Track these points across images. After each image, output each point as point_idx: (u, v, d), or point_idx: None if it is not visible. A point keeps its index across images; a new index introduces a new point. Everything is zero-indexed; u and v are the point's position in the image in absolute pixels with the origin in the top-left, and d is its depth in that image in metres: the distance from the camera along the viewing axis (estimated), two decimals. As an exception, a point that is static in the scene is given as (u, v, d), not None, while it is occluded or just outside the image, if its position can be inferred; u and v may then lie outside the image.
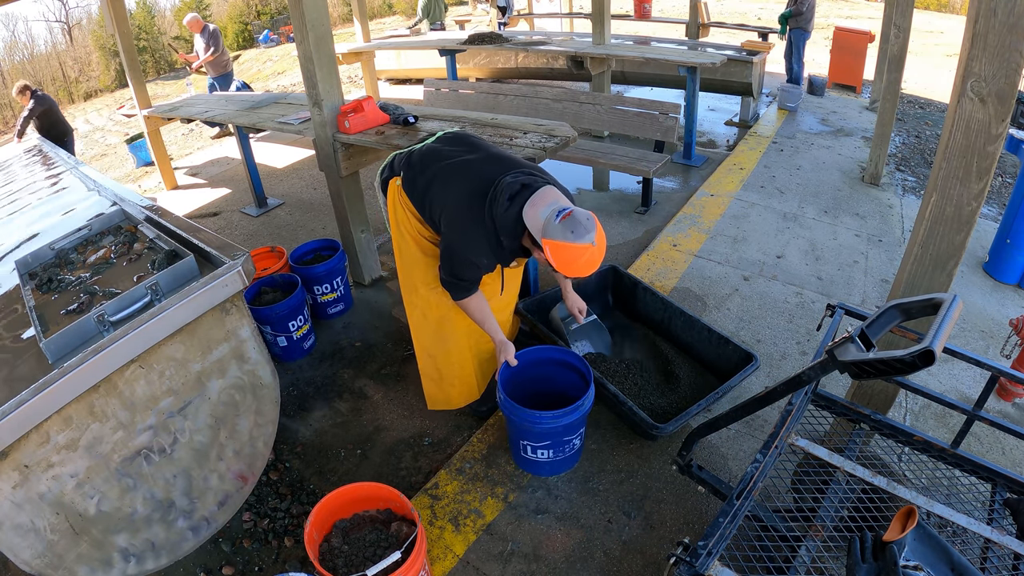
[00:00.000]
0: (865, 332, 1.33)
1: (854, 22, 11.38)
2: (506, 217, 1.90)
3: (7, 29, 20.77)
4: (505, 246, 1.97)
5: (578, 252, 1.76)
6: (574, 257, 1.76)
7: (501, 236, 1.93)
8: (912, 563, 1.33)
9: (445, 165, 2.09)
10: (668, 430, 2.12)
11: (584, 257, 1.77)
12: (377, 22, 18.71)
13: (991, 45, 1.41)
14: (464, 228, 1.98)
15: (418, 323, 2.40)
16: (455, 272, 2.05)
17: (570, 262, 1.77)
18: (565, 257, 1.77)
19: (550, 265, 1.82)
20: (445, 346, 2.39)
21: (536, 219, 1.82)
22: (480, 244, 1.96)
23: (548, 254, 1.78)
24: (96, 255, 2.23)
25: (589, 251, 1.77)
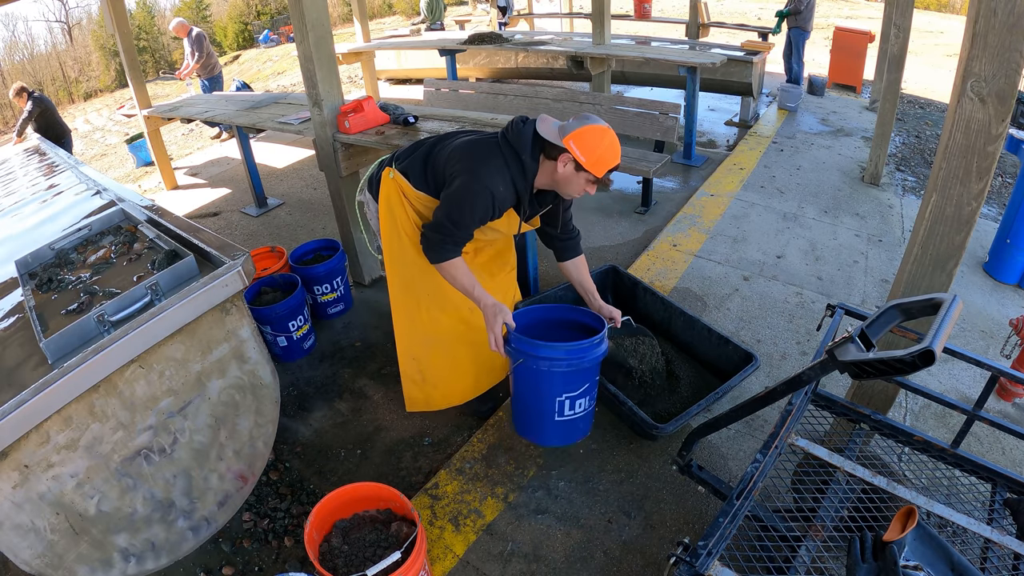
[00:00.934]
0: (865, 332, 1.33)
1: (854, 22, 11.38)
2: (523, 135, 1.89)
3: (7, 29, 20.77)
4: (526, 169, 1.91)
5: (600, 133, 1.79)
6: (598, 139, 1.78)
7: (521, 155, 1.89)
8: (912, 563, 1.33)
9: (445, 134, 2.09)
10: (668, 430, 2.12)
11: (607, 138, 1.79)
12: (377, 22, 18.71)
13: (991, 45, 1.41)
14: (481, 155, 1.91)
15: (405, 326, 2.33)
16: (455, 216, 1.89)
17: (596, 145, 1.78)
18: (590, 142, 1.78)
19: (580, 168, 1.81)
20: (433, 350, 2.33)
21: (550, 129, 1.86)
22: (499, 169, 1.89)
23: (574, 148, 1.79)
24: (96, 255, 2.23)
25: (609, 132, 1.80)
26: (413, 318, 2.30)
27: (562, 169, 1.86)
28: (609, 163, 1.82)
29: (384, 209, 2.17)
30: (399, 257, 2.23)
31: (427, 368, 2.39)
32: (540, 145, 1.91)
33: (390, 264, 2.26)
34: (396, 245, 2.21)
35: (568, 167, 1.85)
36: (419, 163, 2.08)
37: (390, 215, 2.17)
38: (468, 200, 1.89)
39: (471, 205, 1.89)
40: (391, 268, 2.27)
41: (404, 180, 2.10)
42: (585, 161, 1.80)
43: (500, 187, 1.89)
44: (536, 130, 1.90)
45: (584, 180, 1.87)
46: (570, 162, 1.84)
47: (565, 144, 1.81)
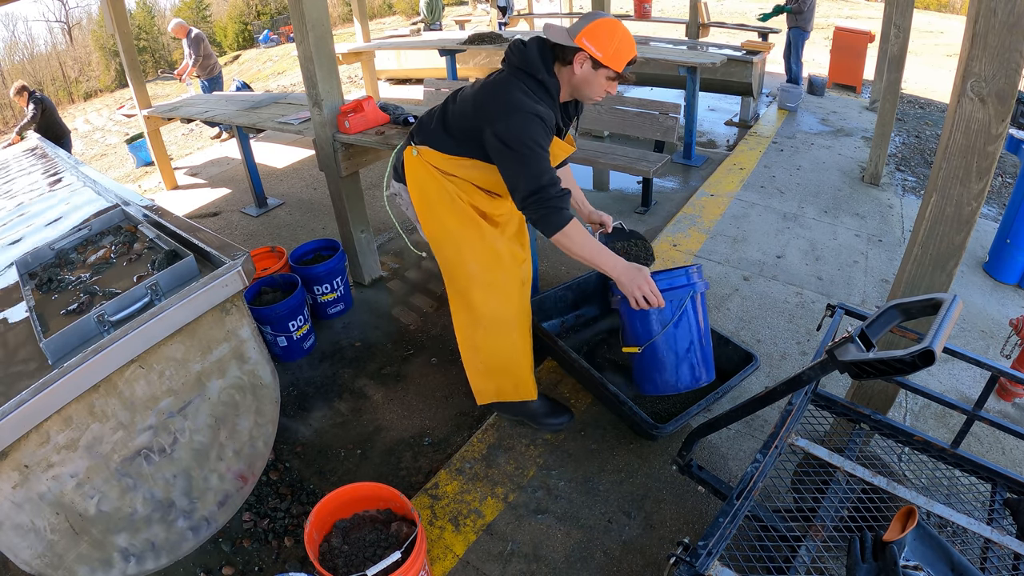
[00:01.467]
0: (865, 332, 1.33)
1: (854, 22, 11.39)
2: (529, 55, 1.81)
3: (7, 29, 20.79)
4: (549, 87, 1.82)
5: (612, 25, 1.74)
6: (611, 31, 1.72)
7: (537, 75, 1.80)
8: (912, 563, 1.33)
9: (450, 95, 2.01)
10: (668, 430, 2.12)
11: (619, 29, 1.74)
12: (377, 22, 18.71)
13: (991, 45, 1.41)
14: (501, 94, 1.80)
15: (462, 314, 2.19)
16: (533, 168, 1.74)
17: (610, 38, 1.72)
18: (604, 36, 1.72)
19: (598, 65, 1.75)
20: (492, 336, 2.18)
21: (559, 32, 1.79)
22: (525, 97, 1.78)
23: (588, 45, 1.73)
24: (96, 255, 2.23)
25: (620, 24, 1.75)
26: (466, 301, 2.14)
27: (579, 70, 1.79)
28: (627, 55, 1.75)
29: (416, 191, 2.03)
30: (442, 237, 2.07)
31: (490, 357, 2.23)
32: (552, 55, 1.82)
33: (435, 247, 2.12)
34: (436, 225, 2.05)
35: (585, 66, 1.78)
36: (439, 130, 1.98)
37: (423, 196, 2.02)
38: (522, 132, 1.75)
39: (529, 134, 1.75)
40: (437, 252, 2.13)
41: (430, 150, 1.98)
42: (602, 56, 1.73)
43: (539, 107, 1.78)
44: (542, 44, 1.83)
45: (603, 78, 1.80)
46: (586, 60, 1.77)
47: (578, 43, 1.74)
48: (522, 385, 2.33)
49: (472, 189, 2.04)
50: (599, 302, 3.00)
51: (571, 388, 2.69)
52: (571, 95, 1.92)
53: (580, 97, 1.92)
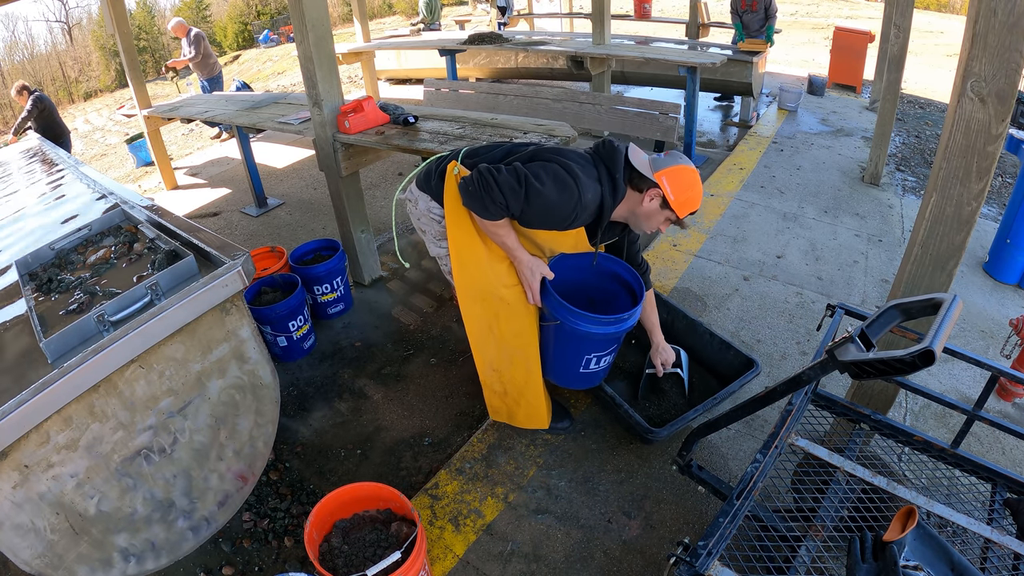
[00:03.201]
0: (865, 332, 1.33)
1: (854, 22, 11.39)
2: (617, 156, 1.86)
3: (7, 29, 20.79)
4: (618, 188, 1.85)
5: (692, 175, 1.81)
6: (691, 181, 1.80)
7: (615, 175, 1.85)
8: (912, 563, 1.33)
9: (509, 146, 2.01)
10: (663, 435, 2.12)
11: (697, 182, 1.82)
12: (377, 22, 18.71)
13: (991, 45, 1.41)
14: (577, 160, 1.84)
15: (482, 339, 2.17)
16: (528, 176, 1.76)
17: (688, 187, 1.80)
18: (683, 182, 1.79)
19: (665, 206, 1.82)
20: (513, 364, 2.19)
21: (642, 160, 1.85)
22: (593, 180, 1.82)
23: (666, 186, 1.79)
24: (96, 255, 2.23)
25: (698, 175, 1.84)
26: (492, 329, 2.14)
27: (647, 203, 1.86)
28: (694, 206, 1.85)
29: (451, 210, 1.98)
30: (472, 263, 2.03)
31: (508, 382, 2.26)
32: (629, 173, 1.88)
33: (461, 270, 2.06)
34: (467, 251, 2.01)
35: (654, 202, 1.85)
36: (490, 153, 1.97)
37: (459, 215, 1.98)
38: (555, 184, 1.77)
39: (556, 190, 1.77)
40: (462, 275, 2.07)
41: None
42: (674, 200, 1.81)
43: (589, 195, 1.82)
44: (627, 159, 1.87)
45: (664, 218, 1.88)
46: (658, 197, 1.84)
47: (656, 179, 1.81)
48: (535, 414, 2.35)
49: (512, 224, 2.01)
50: None
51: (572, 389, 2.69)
52: (625, 218, 1.96)
53: (634, 225, 1.97)
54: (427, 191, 2.10)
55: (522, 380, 2.23)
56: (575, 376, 2.18)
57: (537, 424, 2.38)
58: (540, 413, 2.34)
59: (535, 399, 2.29)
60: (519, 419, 2.40)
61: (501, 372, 2.25)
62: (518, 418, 2.39)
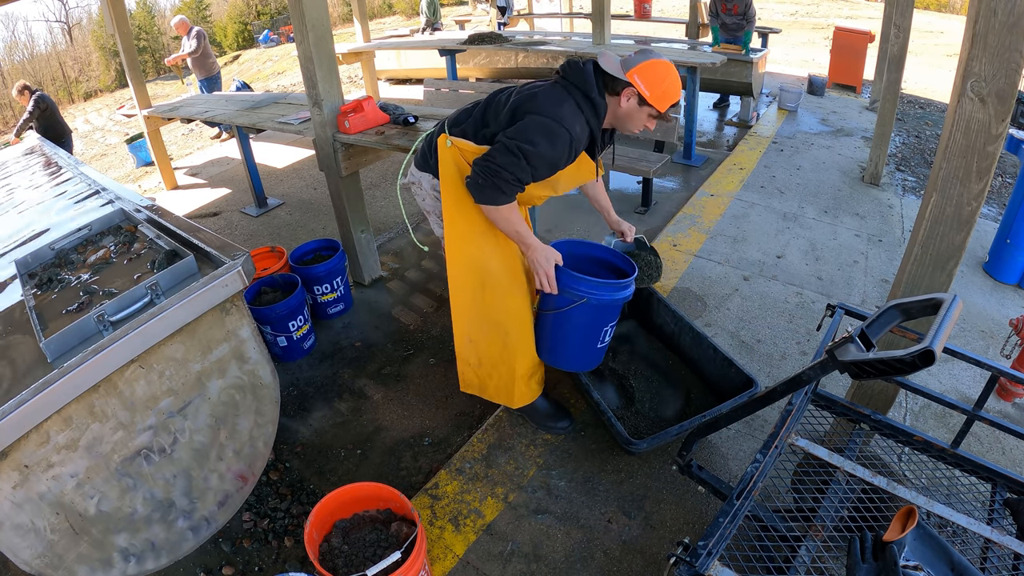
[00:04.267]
0: (865, 332, 1.33)
1: (854, 22, 11.39)
2: (586, 74, 1.87)
3: (7, 29, 20.80)
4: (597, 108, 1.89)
5: (665, 67, 1.81)
6: (663, 74, 1.80)
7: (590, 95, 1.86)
8: (912, 563, 1.33)
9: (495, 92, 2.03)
10: (642, 447, 2.10)
11: (671, 73, 1.82)
12: (377, 22, 18.72)
13: (991, 45, 1.41)
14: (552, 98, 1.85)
15: (465, 306, 2.19)
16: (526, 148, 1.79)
17: (661, 79, 1.80)
18: (655, 75, 1.80)
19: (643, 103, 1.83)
20: (490, 337, 2.21)
21: (613, 64, 1.85)
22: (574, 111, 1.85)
23: (639, 82, 1.80)
24: (96, 255, 2.23)
25: (672, 68, 1.83)
26: (475, 299, 2.17)
27: (625, 104, 1.87)
28: (672, 98, 1.84)
29: (447, 181, 2.03)
30: (465, 232, 2.08)
31: (484, 354, 2.28)
32: (603, 81, 1.89)
33: (452, 239, 2.11)
34: (461, 219, 2.06)
35: (631, 101, 1.86)
36: (478, 122, 1.99)
37: (454, 186, 2.02)
38: (544, 136, 1.81)
39: (548, 142, 1.81)
40: (453, 244, 2.12)
41: (465, 142, 1.98)
42: (649, 95, 1.81)
43: (577, 127, 1.85)
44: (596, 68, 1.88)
45: (646, 115, 1.89)
46: (634, 96, 1.85)
47: (629, 78, 1.82)
48: (504, 389, 2.35)
49: None
50: None
51: (571, 387, 2.70)
52: (611, 124, 1.99)
53: (620, 128, 1.99)
54: (427, 170, 2.14)
55: (496, 355, 2.25)
56: (593, 353, 2.24)
57: (506, 400, 2.37)
58: (510, 390, 2.33)
59: (507, 375, 2.30)
60: (489, 392, 2.40)
61: (477, 344, 2.27)
62: (488, 391, 2.40)
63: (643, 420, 2.41)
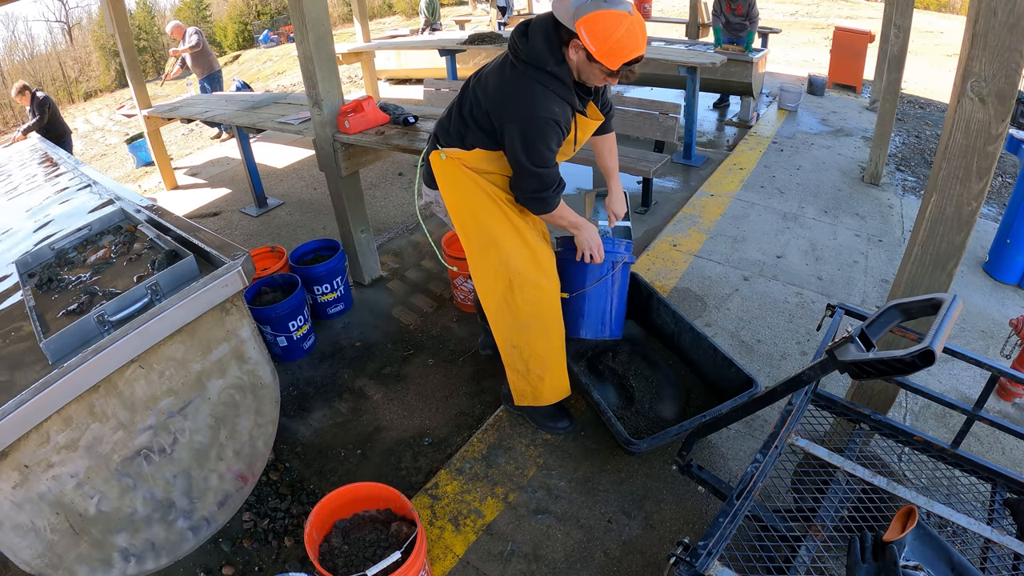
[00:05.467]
0: (865, 332, 1.33)
1: (854, 22, 11.39)
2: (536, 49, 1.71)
3: (7, 29, 20.80)
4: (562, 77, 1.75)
5: (616, 19, 1.55)
6: (613, 25, 1.55)
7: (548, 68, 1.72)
8: (912, 563, 1.33)
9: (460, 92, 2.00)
10: (642, 448, 2.10)
11: (622, 26, 1.56)
12: (377, 22, 18.73)
13: (991, 45, 1.41)
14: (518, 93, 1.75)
15: (501, 314, 2.13)
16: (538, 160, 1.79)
17: (609, 32, 1.55)
18: (603, 28, 1.56)
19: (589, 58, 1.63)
20: (530, 335, 2.15)
21: (565, 10, 1.63)
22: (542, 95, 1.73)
23: (584, 35, 1.59)
24: (96, 255, 2.23)
25: (627, 19, 1.57)
26: (508, 302, 2.10)
27: (573, 56, 1.69)
28: (625, 54, 1.61)
29: (450, 194, 1.99)
30: (480, 240, 2.04)
31: (530, 358, 2.21)
32: (558, 36, 1.72)
33: (472, 251, 2.07)
34: (474, 228, 2.02)
35: (580, 54, 1.67)
36: (460, 127, 1.95)
37: (458, 197, 1.99)
38: (539, 139, 1.77)
39: (544, 142, 1.77)
40: (473, 254, 2.08)
41: (455, 150, 1.96)
42: (596, 51, 1.60)
43: (555, 107, 1.75)
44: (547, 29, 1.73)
45: (598, 71, 1.69)
46: (580, 50, 1.66)
47: (576, 28, 1.61)
48: (559, 385, 2.32)
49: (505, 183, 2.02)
50: None
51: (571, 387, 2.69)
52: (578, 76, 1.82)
53: (584, 80, 1.81)
54: (435, 187, 2.13)
55: (543, 350, 2.17)
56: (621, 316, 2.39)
57: (563, 394, 2.34)
58: (564, 383, 2.32)
59: (557, 369, 2.24)
60: (545, 396, 2.30)
61: (521, 348, 2.19)
62: (544, 395, 2.30)
63: (643, 420, 2.41)
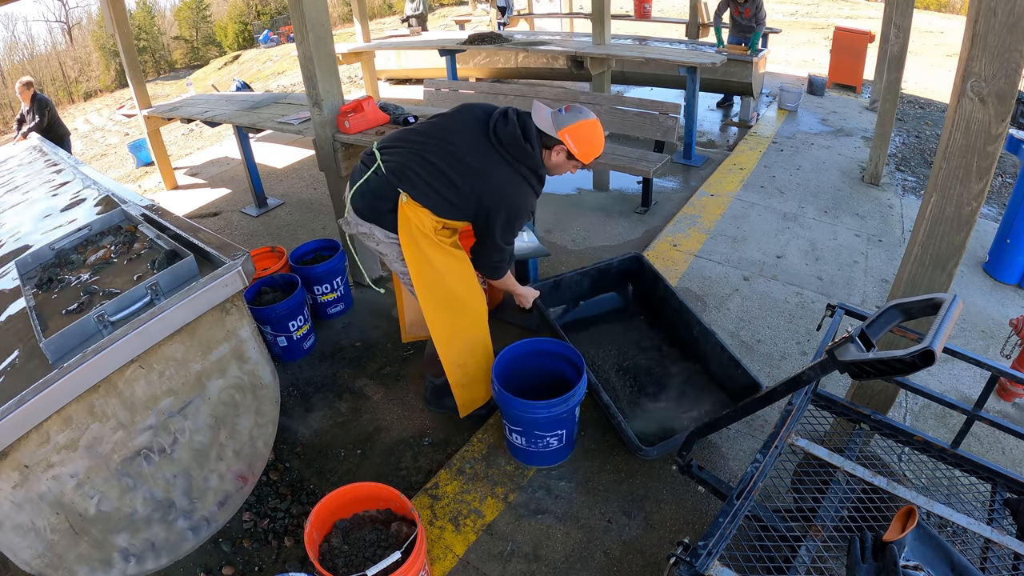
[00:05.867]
0: (865, 332, 1.33)
1: (854, 22, 11.38)
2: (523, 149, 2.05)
3: (7, 29, 20.80)
4: (541, 176, 2.16)
5: (592, 127, 2.05)
6: (590, 134, 2.05)
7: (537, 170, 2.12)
8: (912, 563, 1.33)
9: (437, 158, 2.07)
10: (653, 454, 2.11)
11: (597, 131, 2.07)
12: (377, 22, 18.72)
13: (991, 45, 1.41)
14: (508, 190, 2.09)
15: (448, 340, 2.30)
16: (508, 239, 2.16)
17: (589, 139, 2.05)
18: (584, 136, 2.04)
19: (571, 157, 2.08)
20: (473, 350, 2.38)
21: (546, 120, 2.06)
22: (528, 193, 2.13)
23: (570, 142, 2.03)
24: (96, 255, 2.23)
25: (598, 126, 2.08)
26: (455, 328, 2.30)
27: (555, 158, 2.11)
28: (597, 153, 2.10)
29: (406, 238, 2.11)
30: (430, 276, 2.19)
31: (473, 369, 2.42)
32: (539, 139, 2.08)
33: (423, 289, 2.20)
34: (427, 271, 2.17)
35: (561, 156, 2.09)
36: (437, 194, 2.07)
37: (411, 241, 2.11)
38: (516, 225, 2.15)
39: (519, 226, 2.17)
40: (425, 293, 2.21)
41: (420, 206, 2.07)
42: (578, 152, 2.06)
43: (532, 199, 2.17)
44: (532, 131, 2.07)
45: (572, 165, 2.14)
46: (563, 152, 2.08)
47: (560, 136, 2.03)
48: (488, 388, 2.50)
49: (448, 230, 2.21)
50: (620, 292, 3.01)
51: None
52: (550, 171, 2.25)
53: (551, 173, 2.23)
54: (380, 223, 2.14)
55: (483, 360, 2.43)
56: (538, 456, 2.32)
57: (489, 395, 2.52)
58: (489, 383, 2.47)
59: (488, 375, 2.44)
60: (481, 397, 2.52)
61: (467, 365, 2.40)
62: (480, 397, 2.52)
63: (649, 422, 2.40)
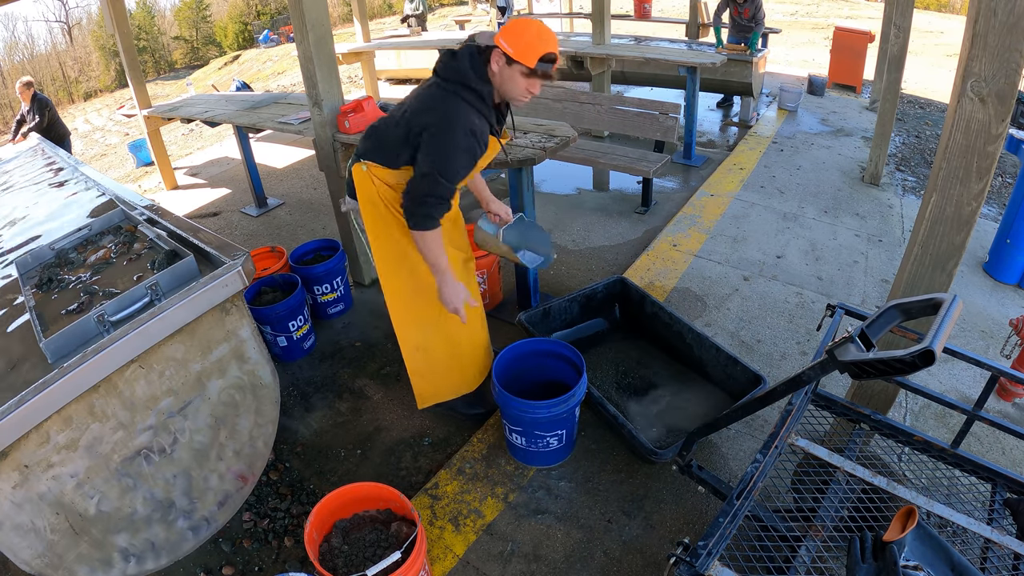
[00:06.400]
0: (865, 332, 1.33)
1: (854, 22, 11.38)
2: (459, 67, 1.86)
3: (7, 29, 20.81)
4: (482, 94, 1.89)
5: (526, 22, 1.80)
6: (524, 27, 1.79)
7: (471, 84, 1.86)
8: (912, 563, 1.33)
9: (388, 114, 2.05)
10: (667, 456, 2.10)
11: (533, 25, 1.79)
12: (377, 22, 18.72)
13: (991, 45, 1.41)
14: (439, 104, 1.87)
15: (406, 319, 2.26)
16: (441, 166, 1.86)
17: (521, 32, 1.77)
18: (516, 30, 1.78)
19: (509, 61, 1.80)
20: (430, 335, 2.28)
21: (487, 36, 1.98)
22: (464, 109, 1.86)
23: (503, 43, 1.77)
24: (96, 255, 2.23)
25: (536, 23, 1.81)
26: (411, 306, 2.23)
27: (495, 69, 1.84)
28: (538, 49, 1.76)
29: (366, 204, 2.10)
30: (390, 247, 2.15)
31: (433, 357, 2.32)
32: (481, 60, 1.87)
33: (382, 258, 2.18)
34: (385, 235, 2.13)
35: (501, 63, 1.82)
36: (380, 144, 2.03)
37: (373, 208, 2.10)
38: (452, 148, 1.85)
39: (457, 151, 1.86)
40: (383, 262, 2.19)
41: (375, 165, 2.03)
42: (513, 51, 1.76)
43: (475, 122, 1.86)
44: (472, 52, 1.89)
45: (519, 75, 1.82)
46: (501, 57, 1.81)
47: (497, 41, 1.80)
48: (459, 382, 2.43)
49: None
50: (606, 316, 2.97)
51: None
52: (501, 98, 1.96)
53: (506, 98, 1.94)
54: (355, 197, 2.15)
55: (445, 351, 2.31)
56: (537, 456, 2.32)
57: (461, 389, 2.44)
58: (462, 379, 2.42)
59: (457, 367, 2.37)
60: (444, 392, 2.43)
61: (427, 350, 2.29)
62: (443, 391, 2.43)
63: (655, 427, 2.40)
